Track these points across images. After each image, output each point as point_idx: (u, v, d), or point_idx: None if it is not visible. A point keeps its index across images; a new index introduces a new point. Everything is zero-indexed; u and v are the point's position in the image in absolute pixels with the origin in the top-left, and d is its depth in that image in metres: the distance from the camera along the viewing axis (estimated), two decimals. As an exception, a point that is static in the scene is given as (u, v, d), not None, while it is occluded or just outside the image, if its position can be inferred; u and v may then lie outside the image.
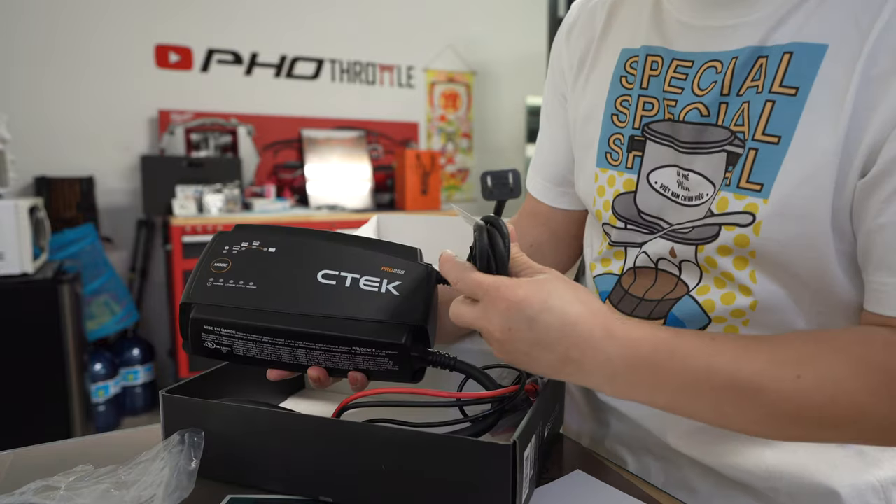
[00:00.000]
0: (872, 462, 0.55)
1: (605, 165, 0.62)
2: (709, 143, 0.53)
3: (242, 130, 3.40)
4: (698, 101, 0.53)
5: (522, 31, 4.07)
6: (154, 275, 3.21)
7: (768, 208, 0.48)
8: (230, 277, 0.54)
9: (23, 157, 2.67)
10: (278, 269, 0.54)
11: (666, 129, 0.57)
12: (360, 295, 0.53)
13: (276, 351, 0.54)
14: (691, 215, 0.55)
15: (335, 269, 0.54)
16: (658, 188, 0.58)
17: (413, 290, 0.54)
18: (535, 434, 0.52)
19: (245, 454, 0.54)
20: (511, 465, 0.45)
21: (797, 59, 0.47)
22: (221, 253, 0.56)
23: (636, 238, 0.61)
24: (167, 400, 0.56)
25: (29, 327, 2.05)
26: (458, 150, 4.17)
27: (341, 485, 0.51)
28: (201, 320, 0.52)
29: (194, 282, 0.54)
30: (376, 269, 0.55)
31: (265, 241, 0.56)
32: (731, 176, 0.51)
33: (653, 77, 0.58)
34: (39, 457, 0.62)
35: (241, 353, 0.54)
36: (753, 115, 0.49)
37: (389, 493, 0.50)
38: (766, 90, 0.49)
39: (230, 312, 0.52)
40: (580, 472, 0.58)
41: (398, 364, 0.53)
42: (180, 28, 3.25)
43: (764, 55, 0.50)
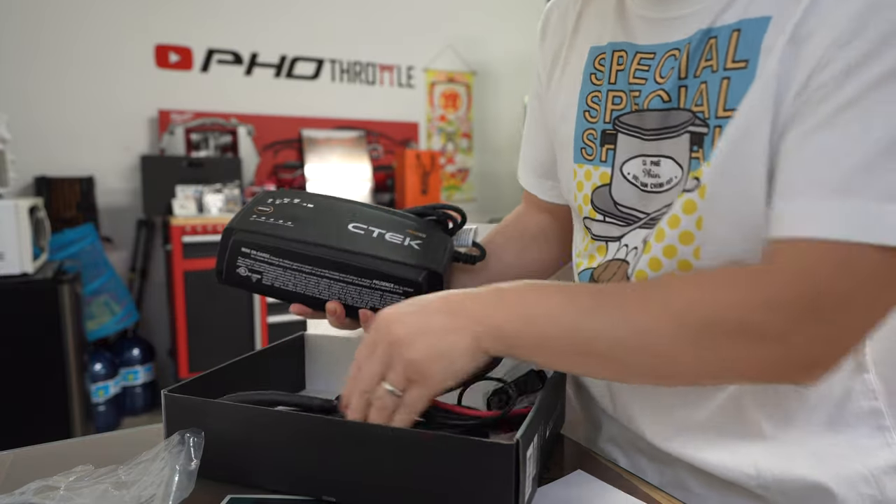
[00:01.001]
0: (863, 451, 0.55)
1: (581, 161, 0.64)
2: (672, 127, 0.55)
3: (242, 130, 3.40)
4: (660, 88, 0.55)
5: (522, 31, 4.07)
6: (154, 275, 3.21)
7: (710, 170, 0.50)
8: (271, 216, 0.60)
9: (23, 157, 2.67)
10: (314, 217, 0.61)
11: (633, 121, 0.59)
12: (385, 243, 0.59)
13: (303, 281, 0.59)
14: (665, 200, 0.56)
15: (365, 223, 0.61)
16: (630, 179, 0.60)
17: (433, 247, 0.60)
18: (537, 434, 0.52)
19: (248, 454, 0.54)
20: (514, 464, 0.45)
21: (744, 34, 0.49)
22: (266, 202, 0.63)
23: (614, 231, 0.62)
24: (169, 399, 0.56)
25: (29, 327, 2.05)
26: (458, 150, 4.17)
27: (344, 484, 0.51)
28: (241, 242, 0.59)
29: (239, 216, 0.61)
30: (402, 229, 0.61)
31: (305, 198, 0.63)
32: (699, 155, 0.53)
33: (619, 72, 0.60)
34: (39, 457, 0.62)
35: (269, 283, 0.60)
36: (712, 94, 0.51)
37: (392, 492, 0.50)
38: (720, 68, 0.51)
39: (267, 238, 0.59)
40: (581, 472, 0.58)
41: None
42: (180, 28, 3.25)
43: (713, 35, 0.52)
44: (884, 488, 0.54)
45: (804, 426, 0.55)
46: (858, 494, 0.54)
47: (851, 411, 0.55)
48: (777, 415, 0.55)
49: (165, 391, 0.56)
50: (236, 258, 0.59)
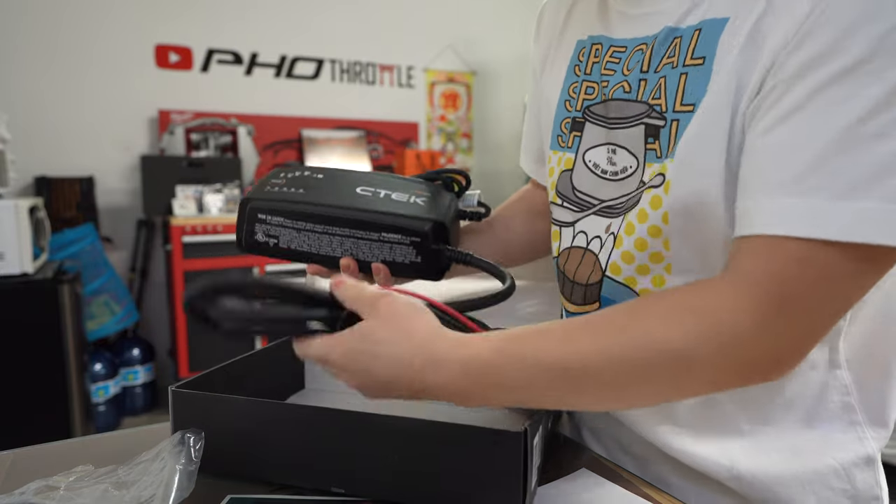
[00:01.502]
0: (835, 445, 0.55)
1: (556, 148, 0.67)
2: (628, 117, 0.57)
3: (242, 130, 3.40)
4: (624, 79, 0.58)
5: (522, 31, 4.06)
6: (154, 275, 3.21)
7: (673, 166, 0.52)
8: (285, 186, 0.64)
9: (23, 157, 2.67)
10: (324, 184, 0.65)
11: (600, 110, 0.61)
12: (392, 201, 0.62)
13: (316, 241, 0.63)
14: (622, 189, 0.59)
15: (372, 187, 0.64)
16: (591, 166, 0.62)
17: (438, 202, 0.63)
18: (542, 424, 0.52)
19: (256, 448, 0.55)
20: (523, 452, 0.46)
21: (704, 33, 0.52)
22: (279, 175, 0.67)
23: (566, 216, 0.65)
24: (176, 395, 0.57)
25: (29, 327, 2.05)
26: (458, 150, 4.17)
27: (353, 475, 0.52)
28: (256, 209, 0.63)
29: (255, 188, 0.66)
30: (408, 190, 0.64)
31: (315, 170, 0.67)
32: (655, 147, 0.55)
33: (595, 63, 0.63)
34: (39, 457, 0.62)
35: (285, 246, 0.64)
36: (670, 89, 0.53)
37: (401, 482, 0.50)
38: (679, 64, 0.53)
39: (281, 204, 0.63)
40: (585, 470, 0.59)
41: (421, 255, 0.61)
42: (180, 28, 3.25)
43: (678, 35, 0.54)
44: (854, 481, 0.55)
45: (781, 422, 0.56)
46: (829, 489, 0.55)
47: (826, 407, 0.56)
48: (755, 412, 0.56)
49: (172, 387, 0.57)
50: (253, 225, 0.63)
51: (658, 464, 0.62)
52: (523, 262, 0.83)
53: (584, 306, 0.63)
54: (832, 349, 0.55)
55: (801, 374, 0.54)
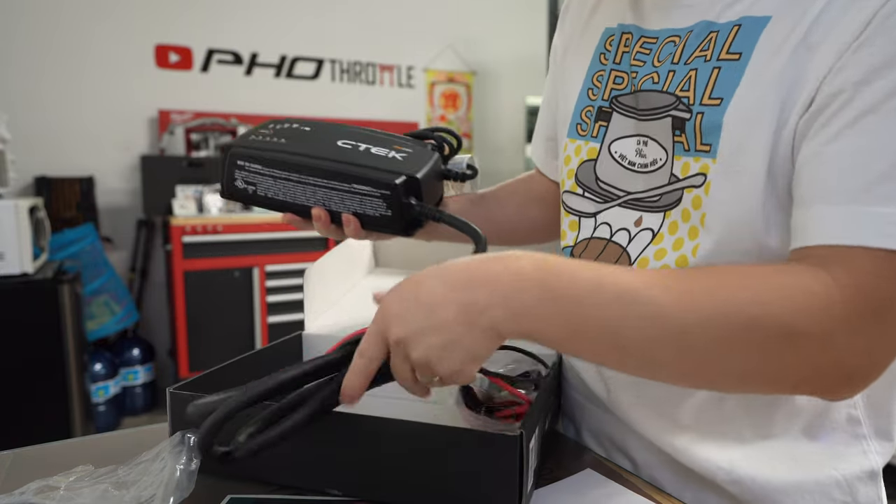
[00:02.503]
0: (838, 457, 0.55)
1: (574, 136, 0.66)
2: (657, 108, 0.57)
3: (242, 130, 3.40)
4: (654, 70, 0.58)
5: (522, 31, 4.07)
6: (154, 275, 3.21)
7: (716, 167, 0.51)
8: (268, 136, 0.65)
9: (23, 157, 2.67)
10: (308, 137, 0.66)
11: (630, 102, 0.60)
12: (370, 155, 0.62)
13: (290, 189, 0.63)
14: (651, 182, 0.58)
15: (353, 140, 0.65)
16: (617, 157, 0.61)
17: (416, 159, 0.62)
18: (538, 426, 0.52)
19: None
20: (518, 454, 0.46)
21: (743, 30, 0.51)
22: (268, 126, 0.67)
23: (588, 207, 0.64)
24: (174, 397, 0.57)
25: (29, 327, 2.05)
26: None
27: (349, 477, 0.52)
28: (236, 155, 0.64)
29: (239, 136, 0.67)
30: (389, 145, 0.64)
31: (305, 123, 0.68)
32: (682, 140, 0.54)
33: (625, 53, 0.62)
34: (39, 457, 0.62)
35: (262, 194, 0.64)
36: (700, 82, 0.53)
37: (397, 484, 0.50)
38: (713, 58, 0.52)
39: (259, 152, 0.64)
40: (591, 471, 0.59)
41: (391, 208, 0.60)
42: (180, 28, 3.25)
43: (716, 30, 0.53)
44: (856, 494, 0.55)
45: (784, 431, 0.55)
46: (831, 500, 0.55)
47: (831, 418, 0.55)
48: (759, 417, 0.56)
49: (170, 389, 0.57)
50: (233, 171, 0.64)
51: (656, 467, 0.61)
52: (506, 245, 0.76)
53: None
54: None
55: None
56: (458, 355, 0.44)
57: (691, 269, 0.51)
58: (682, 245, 0.55)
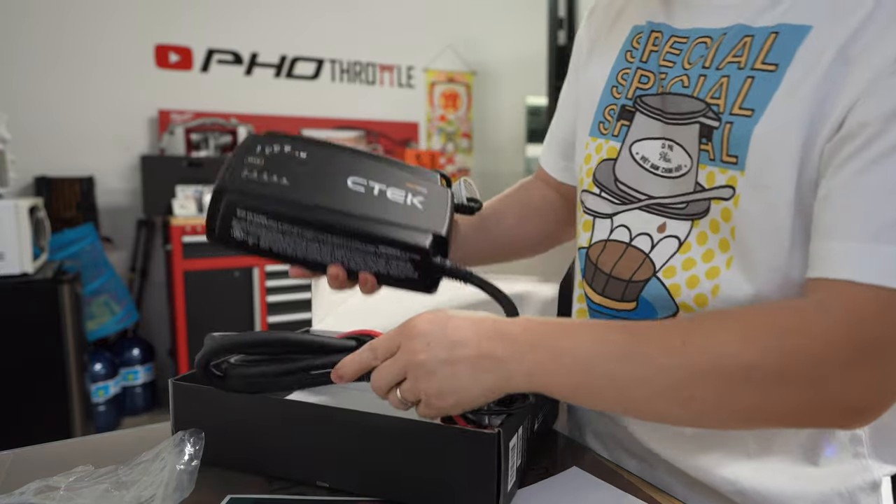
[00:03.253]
0: (841, 475, 0.55)
1: (595, 134, 0.64)
2: (685, 113, 0.55)
3: (242, 130, 3.40)
4: (684, 73, 0.56)
5: (522, 31, 4.06)
6: (154, 275, 3.21)
7: (744, 180, 0.50)
8: (264, 171, 0.55)
9: (23, 157, 2.67)
10: (310, 172, 0.56)
11: (657, 103, 0.58)
12: (388, 203, 0.56)
13: (303, 245, 0.55)
14: (675, 188, 0.56)
15: (364, 177, 0.57)
16: (638, 159, 0.59)
17: (435, 206, 0.57)
18: (522, 425, 0.53)
19: (250, 440, 0.56)
20: (496, 453, 0.46)
21: (781, 39, 0.49)
22: (255, 151, 0.56)
23: (605, 208, 0.62)
24: (177, 388, 0.58)
25: (29, 327, 2.05)
26: (458, 150, 4.17)
27: (337, 470, 0.53)
28: (235, 203, 0.54)
29: (228, 172, 0.55)
30: (402, 184, 0.57)
31: (296, 146, 0.57)
32: (709, 149, 0.53)
33: (653, 52, 0.60)
34: (39, 457, 0.62)
35: (266, 246, 0.55)
36: (732, 90, 0.51)
37: (381, 478, 0.51)
38: (748, 66, 0.51)
39: (264, 201, 0.54)
40: (577, 468, 0.59)
41: (417, 270, 0.55)
42: (180, 28, 3.25)
43: (750, 34, 0.51)
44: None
45: (787, 447, 0.55)
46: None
47: (834, 436, 0.55)
48: (762, 434, 0.56)
49: (173, 380, 0.58)
50: (230, 220, 0.54)
51: (662, 471, 0.61)
52: (506, 260, 0.81)
53: (620, 303, 0.60)
54: None
55: None
56: (455, 398, 0.48)
57: (684, 321, 0.50)
58: (713, 257, 0.54)
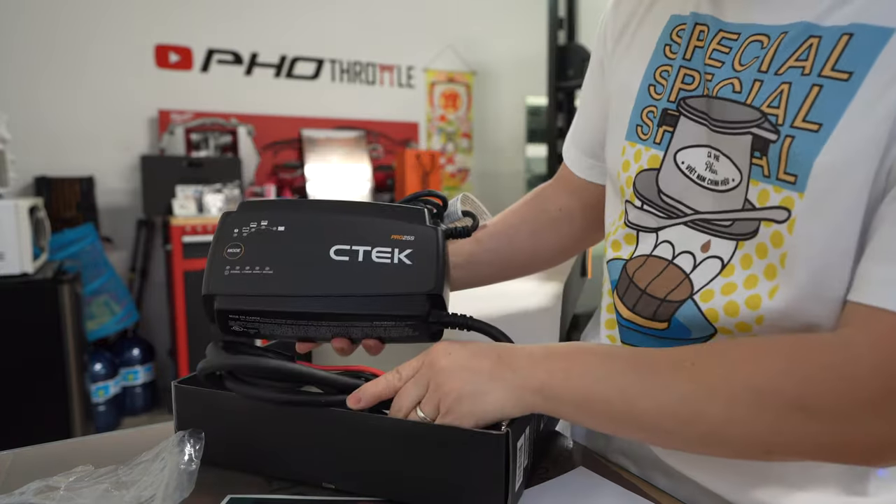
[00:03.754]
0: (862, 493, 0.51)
1: (634, 139, 0.59)
2: (735, 122, 0.49)
3: (242, 130, 3.40)
4: (735, 76, 0.49)
5: (522, 31, 4.07)
6: (154, 275, 3.21)
7: (803, 204, 0.44)
8: (246, 263, 0.54)
9: (23, 157, 2.67)
10: (291, 249, 0.55)
11: (702, 106, 0.52)
12: (375, 268, 0.54)
13: (301, 330, 0.56)
14: (719, 203, 0.51)
15: (346, 243, 0.55)
16: (684, 169, 0.54)
17: (425, 256, 0.54)
18: (529, 426, 0.53)
19: (254, 442, 0.56)
20: (505, 454, 0.46)
21: (856, 42, 0.42)
22: (232, 237, 0.56)
23: (650, 222, 0.57)
24: (179, 391, 0.58)
25: (29, 327, 2.05)
26: (458, 150, 4.17)
27: (343, 472, 0.53)
28: (226, 311, 0.54)
29: (212, 271, 0.54)
30: (386, 239, 0.55)
31: (272, 219, 0.56)
32: (763, 164, 0.47)
33: (697, 48, 0.54)
34: (39, 457, 0.62)
35: (268, 333, 0.57)
36: (795, 100, 0.45)
37: (389, 480, 0.51)
38: (814, 73, 0.44)
39: (252, 301, 0.53)
40: (583, 468, 0.58)
41: (417, 330, 0.56)
42: (180, 28, 3.25)
43: (817, 35, 0.45)
44: None
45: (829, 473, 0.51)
46: None
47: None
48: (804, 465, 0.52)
49: (175, 382, 0.58)
50: (226, 321, 0.55)
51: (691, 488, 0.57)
52: (519, 276, 0.78)
53: (651, 321, 0.56)
54: None
55: None
56: (471, 403, 0.49)
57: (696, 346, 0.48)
58: (756, 283, 0.49)
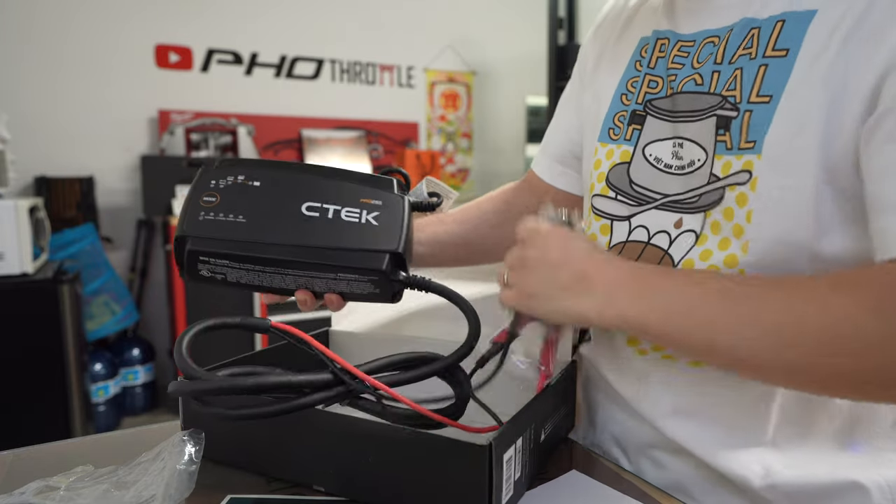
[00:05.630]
0: (880, 462, 0.54)
1: (606, 140, 0.66)
2: (700, 110, 0.56)
3: (242, 130, 3.40)
4: (696, 72, 0.57)
5: (522, 31, 4.06)
6: (154, 275, 3.21)
7: (762, 163, 0.51)
8: (220, 211, 0.57)
9: (23, 157, 2.67)
10: (265, 202, 0.57)
11: (666, 105, 0.60)
12: (343, 225, 0.57)
13: (267, 278, 0.58)
14: (689, 183, 0.57)
15: (318, 200, 0.58)
16: (651, 160, 0.61)
17: (391, 219, 0.58)
18: (522, 436, 0.51)
19: (257, 442, 0.57)
20: (488, 465, 0.45)
21: (788, 25, 0.51)
22: (209, 187, 0.58)
23: (622, 210, 0.63)
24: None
25: (29, 327, 2.05)
26: (458, 150, 4.17)
27: (333, 476, 0.53)
28: (197, 252, 0.56)
29: (186, 215, 0.57)
30: (356, 201, 0.58)
31: (249, 174, 0.59)
32: (726, 139, 0.54)
33: (660, 58, 0.62)
34: (39, 457, 0.62)
35: (234, 280, 0.59)
36: (747, 80, 0.53)
37: (376, 485, 0.51)
38: (759, 56, 0.52)
39: (223, 244, 0.56)
40: (576, 472, 0.58)
41: (378, 287, 0.58)
42: (180, 28, 3.25)
43: (757, 26, 0.53)
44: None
45: (823, 434, 0.54)
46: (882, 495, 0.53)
47: (876, 422, 0.54)
48: (798, 420, 0.55)
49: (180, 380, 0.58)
50: (196, 264, 0.57)
51: (683, 472, 0.60)
52: (480, 263, 0.83)
53: None
54: None
55: None
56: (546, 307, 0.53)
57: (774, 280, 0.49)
58: (728, 245, 0.54)
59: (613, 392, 0.66)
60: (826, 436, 0.54)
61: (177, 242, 0.57)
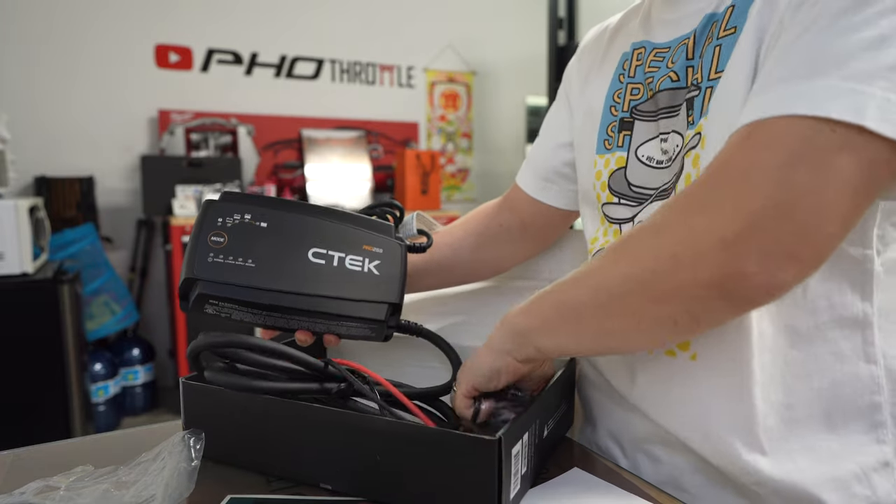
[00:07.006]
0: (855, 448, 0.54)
1: (602, 151, 0.69)
2: (678, 105, 0.60)
3: (242, 130, 3.40)
4: (670, 70, 0.61)
5: (522, 31, 4.07)
6: (154, 275, 3.21)
7: (708, 122, 0.54)
8: (229, 253, 0.58)
9: (23, 157, 2.67)
10: (272, 246, 0.59)
11: (649, 107, 0.64)
12: (347, 274, 0.61)
13: (272, 320, 0.61)
14: (673, 171, 0.60)
15: (323, 247, 0.61)
16: (644, 160, 0.64)
17: (391, 268, 0.62)
18: (528, 431, 0.52)
19: (259, 439, 0.56)
20: (497, 460, 0.46)
21: (737, 8, 0.55)
22: (216, 225, 0.59)
23: (626, 213, 0.66)
24: (187, 387, 0.59)
25: (29, 327, 2.05)
26: (458, 150, 4.17)
27: (340, 473, 0.53)
28: (206, 295, 0.57)
29: (195, 256, 0.58)
30: (359, 248, 0.62)
31: (255, 214, 0.60)
32: (692, 117, 0.57)
33: (638, 66, 0.66)
34: (39, 457, 0.62)
35: (238, 319, 0.61)
36: (706, 62, 0.56)
37: (384, 481, 0.51)
38: (714, 39, 0.57)
39: (234, 290, 0.57)
40: (578, 469, 0.59)
41: (374, 332, 0.63)
42: (180, 28, 3.25)
43: (717, 19, 0.57)
44: (875, 488, 0.54)
45: (806, 419, 0.54)
46: (852, 495, 0.54)
47: (852, 403, 0.54)
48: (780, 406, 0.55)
49: (183, 379, 0.60)
50: (203, 305, 0.59)
51: (680, 467, 0.61)
52: (461, 284, 0.87)
53: None
54: (866, 342, 0.54)
55: (829, 367, 0.54)
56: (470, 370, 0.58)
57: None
58: None
59: (608, 387, 0.67)
60: (810, 420, 0.55)
61: (185, 283, 0.58)
